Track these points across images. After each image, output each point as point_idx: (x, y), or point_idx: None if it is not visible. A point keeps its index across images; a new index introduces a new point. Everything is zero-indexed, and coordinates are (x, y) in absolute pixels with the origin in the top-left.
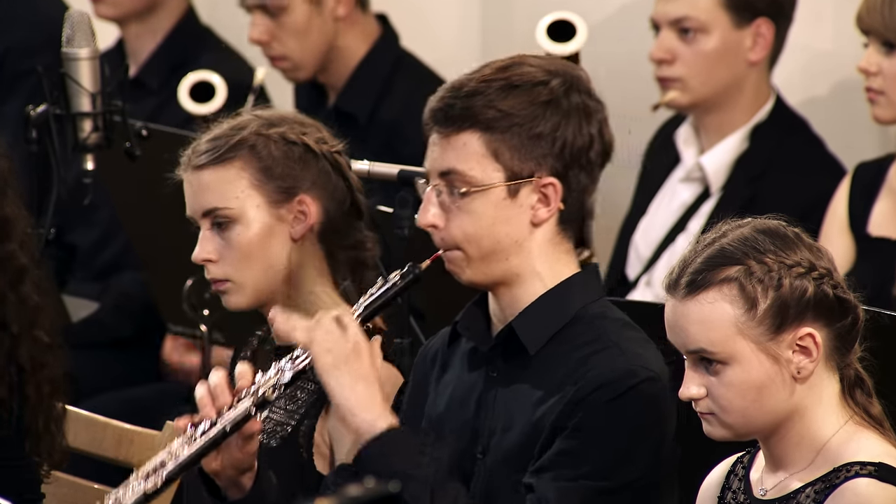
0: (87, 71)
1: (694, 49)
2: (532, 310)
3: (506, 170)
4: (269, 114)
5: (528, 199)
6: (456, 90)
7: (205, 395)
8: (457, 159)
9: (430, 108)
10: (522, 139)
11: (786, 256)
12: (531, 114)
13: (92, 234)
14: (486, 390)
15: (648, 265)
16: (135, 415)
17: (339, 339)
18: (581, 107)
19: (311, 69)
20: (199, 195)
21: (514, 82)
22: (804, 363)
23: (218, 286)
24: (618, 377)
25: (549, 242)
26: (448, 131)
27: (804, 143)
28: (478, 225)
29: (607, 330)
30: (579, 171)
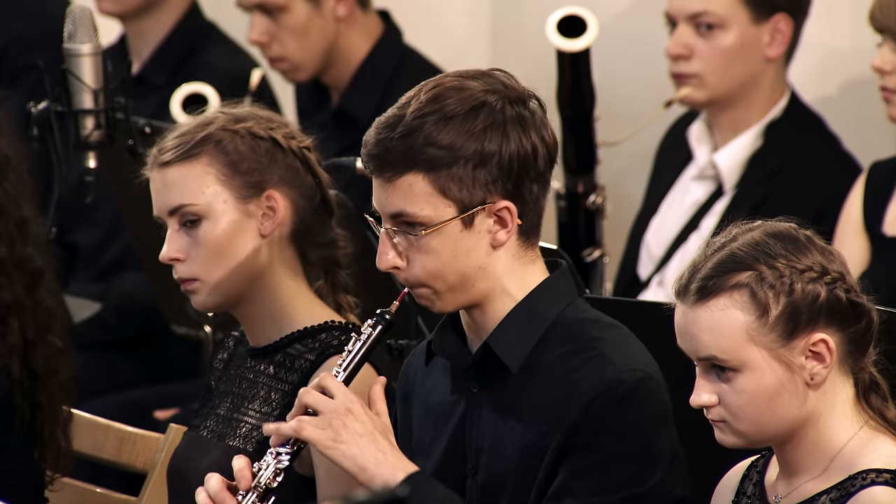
0: (90, 67)
1: (712, 45)
2: (505, 325)
3: (456, 203)
4: (237, 110)
5: (484, 224)
6: (390, 129)
7: (205, 500)
8: (405, 202)
9: (366, 151)
10: (468, 170)
11: (797, 261)
12: (472, 143)
13: (94, 233)
14: (469, 407)
15: (660, 265)
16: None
17: (329, 412)
18: (517, 118)
19: (311, 70)
20: (165, 193)
21: (448, 113)
22: (817, 369)
23: (186, 286)
24: (609, 387)
25: (512, 258)
26: (390, 175)
27: (819, 140)
28: (439, 262)
29: (588, 335)
30: (530, 183)
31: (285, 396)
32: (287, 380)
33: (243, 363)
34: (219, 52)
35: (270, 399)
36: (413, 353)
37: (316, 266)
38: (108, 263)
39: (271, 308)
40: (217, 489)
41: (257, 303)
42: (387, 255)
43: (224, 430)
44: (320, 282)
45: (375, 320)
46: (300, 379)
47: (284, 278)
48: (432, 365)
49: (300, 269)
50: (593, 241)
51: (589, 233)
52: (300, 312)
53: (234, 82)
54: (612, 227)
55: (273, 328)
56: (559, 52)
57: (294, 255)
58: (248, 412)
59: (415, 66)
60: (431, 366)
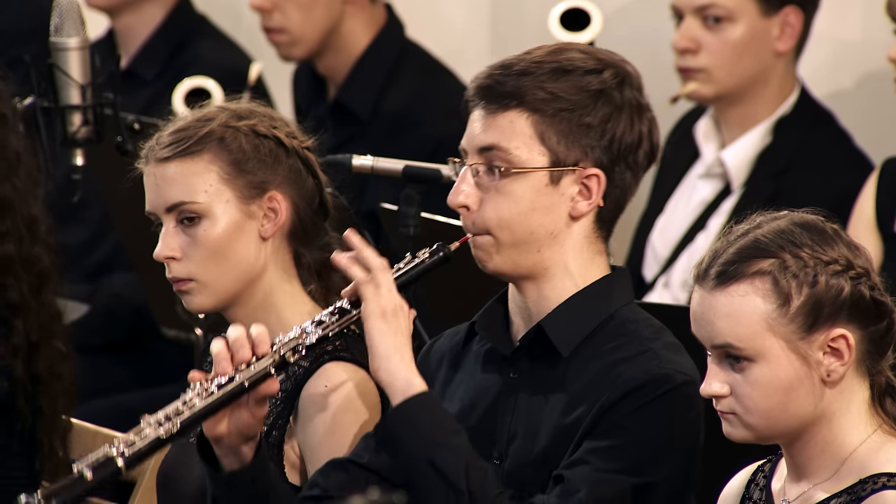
0: (77, 61)
1: (720, 38)
2: (563, 309)
3: (551, 154)
4: (236, 106)
5: (570, 188)
6: (506, 68)
7: (222, 349)
8: (502, 136)
9: (476, 84)
10: (571, 125)
11: (823, 252)
12: (581, 101)
13: (82, 233)
14: (505, 393)
15: (666, 265)
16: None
17: (391, 291)
18: (633, 103)
19: (309, 47)
20: (163, 189)
21: (566, 67)
22: (835, 366)
23: (180, 286)
24: (653, 380)
25: (584, 239)
26: (494, 108)
27: (830, 137)
28: (515, 209)
29: (641, 334)
30: (625, 168)
31: (279, 404)
32: (280, 387)
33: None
34: (210, 46)
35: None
36: (438, 337)
37: (309, 269)
38: (96, 264)
39: (265, 311)
40: (238, 335)
41: (251, 306)
42: (461, 190)
43: None
44: (313, 285)
45: (434, 249)
46: (294, 386)
47: (279, 281)
48: (468, 348)
49: (294, 272)
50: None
51: None
52: (294, 316)
53: (226, 77)
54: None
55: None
56: None
57: (289, 257)
58: None
59: (416, 61)
60: (467, 348)
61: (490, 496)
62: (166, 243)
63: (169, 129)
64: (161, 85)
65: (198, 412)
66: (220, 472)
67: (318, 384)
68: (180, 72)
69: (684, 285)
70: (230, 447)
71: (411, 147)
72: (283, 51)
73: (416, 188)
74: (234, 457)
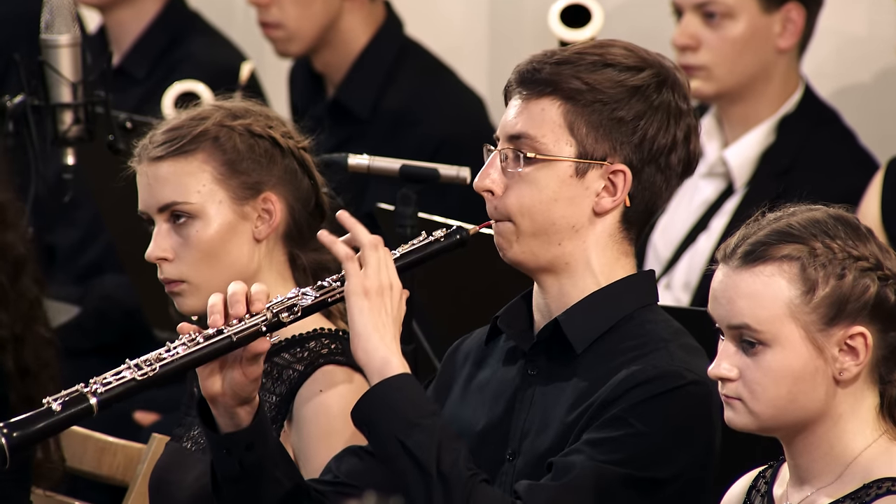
0: (68, 59)
1: (720, 35)
2: (581, 306)
3: (578, 145)
4: (231, 104)
5: (595, 183)
6: (548, 56)
7: (218, 302)
8: (531, 124)
9: (516, 70)
10: (602, 118)
11: (854, 247)
12: (616, 95)
13: (72, 233)
14: (522, 389)
15: (668, 266)
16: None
17: (378, 270)
18: (670, 105)
19: (306, 44)
20: (156, 188)
21: (607, 60)
22: (849, 364)
23: (172, 287)
24: (661, 375)
25: (608, 237)
26: (529, 94)
27: (834, 136)
28: (537, 197)
29: (658, 334)
30: (655, 170)
31: (273, 408)
32: (275, 391)
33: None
34: (203, 44)
35: None
36: (468, 336)
37: (304, 271)
38: (87, 265)
39: None
40: (236, 290)
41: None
42: (487, 176)
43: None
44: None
45: (450, 231)
46: (288, 390)
47: (274, 284)
48: (492, 345)
49: (289, 274)
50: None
51: None
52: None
53: (219, 75)
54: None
55: None
56: (562, 42)
57: (284, 259)
58: None
59: (416, 59)
60: (491, 345)
61: (463, 478)
62: (158, 244)
63: (162, 127)
64: (153, 83)
65: (179, 360)
66: (216, 431)
67: (313, 388)
68: (172, 69)
69: (686, 287)
70: (225, 408)
71: (411, 147)
72: (280, 47)
73: (413, 188)
74: (230, 419)
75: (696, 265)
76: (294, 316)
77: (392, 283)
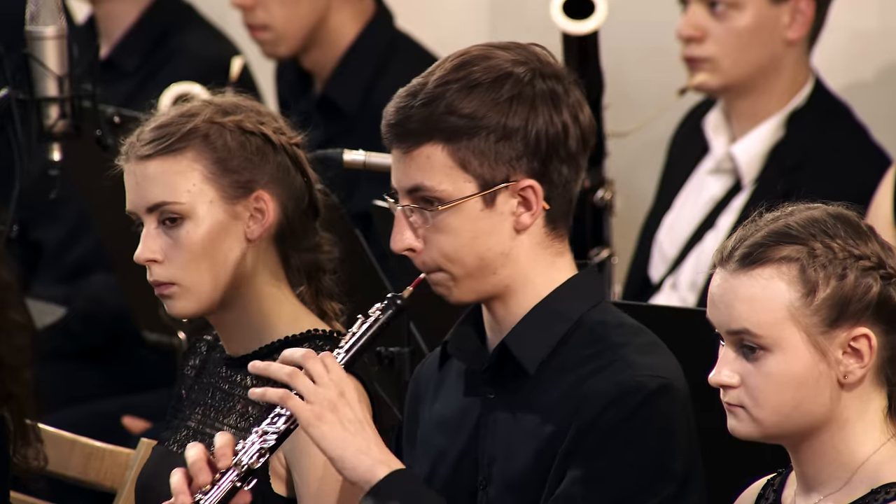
0: (54, 51)
1: (726, 26)
2: (525, 323)
3: (477, 179)
4: (222, 100)
5: (507, 205)
6: (411, 98)
7: (179, 479)
8: (422, 175)
9: (385, 121)
10: (490, 143)
11: (855, 246)
12: (496, 114)
13: (59, 231)
14: (484, 414)
15: (674, 266)
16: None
17: (320, 387)
18: (549, 94)
19: (294, 44)
20: (144, 188)
21: (473, 81)
22: (853, 367)
23: (162, 290)
24: (625, 392)
25: (538, 246)
26: (408, 146)
27: (846, 131)
28: (457, 243)
29: (610, 339)
30: (559, 164)
31: (263, 412)
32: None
33: (217, 372)
34: (196, 36)
35: (248, 413)
36: (424, 362)
37: (298, 271)
38: (74, 264)
39: (252, 315)
40: (196, 458)
41: (237, 309)
42: (402, 236)
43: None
44: (302, 287)
45: (386, 304)
46: None
47: (266, 284)
48: (446, 370)
49: (283, 274)
50: (601, 241)
51: (596, 231)
52: (282, 320)
53: (211, 69)
54: (621, 226)
55: (252, 337)
56: (565, 35)
57: (277, 259)
58: (223, 427)
59: (407, 53)
60: (445, 371)
61: None
62: (147, 245)
63: (151, 124)
64: (144, 76)
65: None
66: None
67: None
68: (163, 62)
69: (692, 286)
70: None
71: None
72: (268, 49)
73: None
74: None
75: (704, 264)
76: (264, 458)
77: (341, 390)
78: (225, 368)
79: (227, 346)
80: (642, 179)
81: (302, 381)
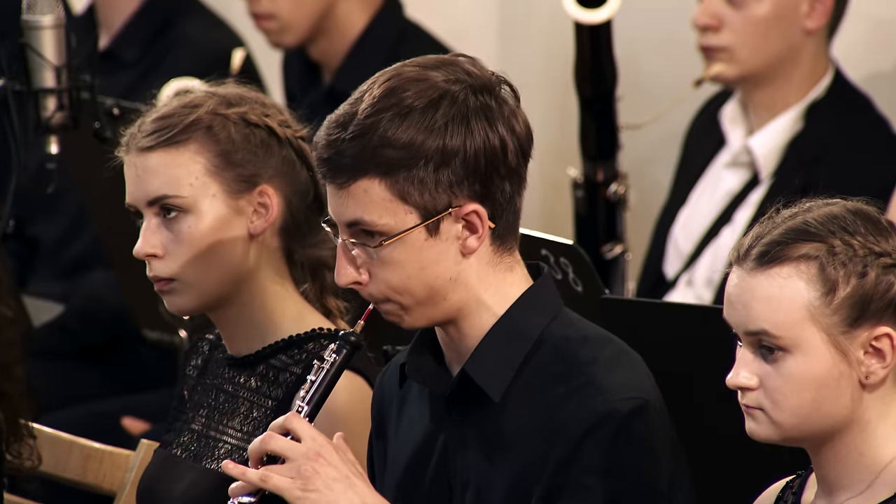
0: (51, 41)
1: (743, 14)
2: (484, 348)
3: (418, 209)
4: (226, 91)
5: (452, 230)
6: (341, 129)
7: None
8: (361, 210)
9: (317, 154)
10: (429, 171)
11: (875, 243)
12: (433, 140)
13: (56, 226)
14: (451, 437)
15: (689, 262)
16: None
17: (298, 458)
18: (482, 110)
19: (300, 34)
20: (145, 181)
21: (405, 108)
22: (875, 367)
23: (162, 285)
24: (600, 421)
25: (486, 266)
26: (343, 181)
27: (866, 123)
28: (404, 275)
29: (577, 357)
30: (501, 181)
31: (269, 414)
32: (271, 395)
33: (220, 372)
34: (198, 25)
35: (252, 416)
36: (384, 373)
37: (302, 267)
38: (72, 260)
39: (255, 313)
40: None
41: (239, 307)
42: (345, 270)
43: (200, 450)
44: (306, 284)
45: (339, 344)
46: (285, 394)
47: (270, 281)
48: (406, 388)
49: (286, 271)
50: (614, 236)
51: (610, 226)
52: (287, 318)
53: (214, 60)
54: (635, 220)
55: (255, 336)
56: (577, 24)
57: (281, 255)
58: (228, 431)
59: (417, 43)
60: (405, 389)
61: None
62: (147, 240)
63: (152, 115)
64: (144, 67)
65: None
66: None
67: None
68: (164, 53)
69: (709, 283)
70: None
71: None
72: (273, 38)
73: None
74: None
75: (720, 260)
76: None
77: (317, 450)
78: (228, 369)
79: (230, 345)
80: (657, 173)
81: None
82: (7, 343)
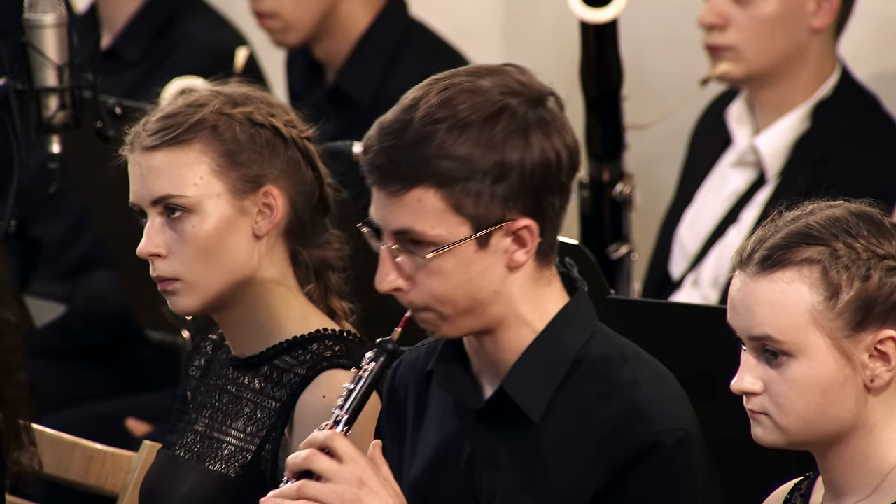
0: (53, 40)
1: (750, 13)
2: (523, 365)
3: (471, 221)
4: (231, 90)
5: (501, 244)
6: (397, 136)
7: None
8: (413, 219)
9: (368, 159)
10: (486, 185)
11: (879, 246)
12: (492, 154)
13: (59, 226)
14: (479, 448)
15: (695, 262)
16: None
17: (340, 482)
18: (539, 123)
19: (304, 33)
20: (149, 180)
21: (463, 120)
22: (880, 371)
23: (165, 285)
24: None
25: (529, 281)
26: (397, 189)
27: (873, 122)
28: (449, 285)
29: (618, 378)
30: (553, 197)
31: (272, 415)
32: (275, 396)
33: (224, 373)
34: (201, 24)
35: (256, 418)
36: (398, 366)
37: (307, 268)
38: (74, 260)
39: (259, 314)
40: None
41: (243, 308)
42: (388, 277)
43: (203, 451)
44: (311, 285)
45: (376, 352)
46: (289, 395)
47: (274, 282)
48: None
49: (291, 272)
50: (620, 236)
51: (615, 226)
52: (291, 319)
53: (217, 58)
54: (641, 220)
55: (259, 337)
56: (583, 23)
57: (285, 256)
58: (231, 432)
59: (421, 42)
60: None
61: None
62: (151, 239)
63: (157, 114)
64: (148, 66)
65: None
66: None
67: (315, 393)
68: (167, 52)
69: (714, 283)
70: None
71: None
72: (276, 37)
73: None
74: None
75: (726, 260)
76: None
77: (359, 476)
78: (231, 370)
79: (233, 346)
80: (663, 173)
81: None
82: (9, 348)
